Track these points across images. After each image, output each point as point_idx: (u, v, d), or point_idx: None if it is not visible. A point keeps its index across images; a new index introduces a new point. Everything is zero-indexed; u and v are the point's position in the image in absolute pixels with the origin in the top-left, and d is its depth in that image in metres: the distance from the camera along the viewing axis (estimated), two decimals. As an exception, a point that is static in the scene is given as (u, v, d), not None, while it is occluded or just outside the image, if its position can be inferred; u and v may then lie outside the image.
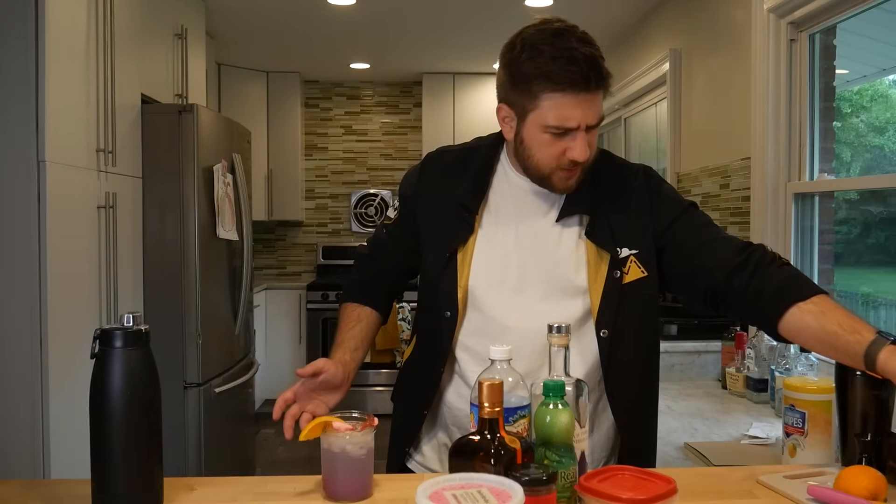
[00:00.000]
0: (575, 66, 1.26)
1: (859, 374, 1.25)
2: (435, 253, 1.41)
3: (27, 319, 2.20)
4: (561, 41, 1.29)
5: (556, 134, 1.29)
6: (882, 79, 2.53)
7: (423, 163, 1.51)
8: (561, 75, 1.26)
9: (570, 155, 1.30)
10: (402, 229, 1.50)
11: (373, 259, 1.57)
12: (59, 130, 2.29)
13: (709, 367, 2.56)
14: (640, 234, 1.38)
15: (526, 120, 1.32)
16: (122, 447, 1.04)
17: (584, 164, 1.32)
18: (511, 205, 1.41)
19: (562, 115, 1.28)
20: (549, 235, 1.38)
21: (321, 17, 4.18)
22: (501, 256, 1.38)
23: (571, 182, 1.35)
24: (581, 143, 1.29)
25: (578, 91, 1.27)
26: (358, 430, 1.11)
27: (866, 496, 1.07)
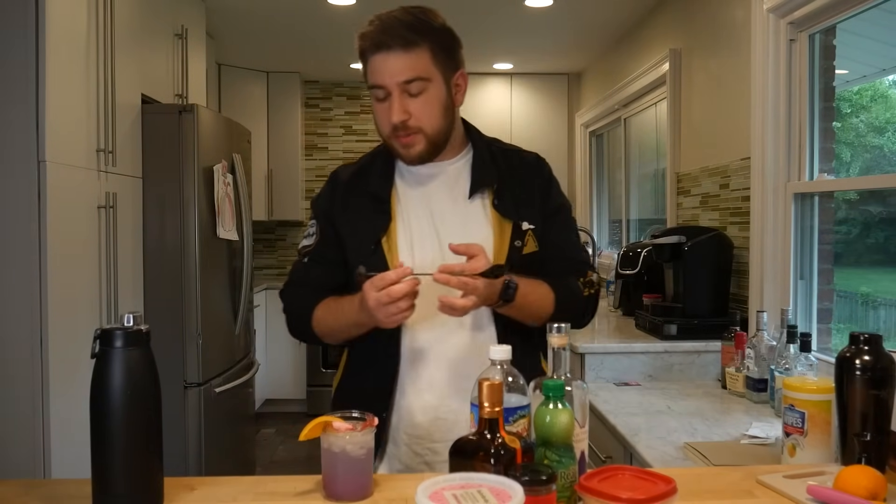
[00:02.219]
0: (373, 28, 1.38)
1: (859, 373, 1.25)
2: (360, 247, 1.46)
3: (27, 319, 2.20)
4: (384, 13, 1.41)
5: (379, 99, 1.40)
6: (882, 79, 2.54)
7: (332, 177, 1.57)
8: (371, 36, 1.38)
9: (390, 117, 1.39)
10: (326, 247, 1.51)
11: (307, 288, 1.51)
12: (59, 130, 2.29)
13: (708, 366, 2.56)
14: (536, 211, 1.49)
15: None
16: (122, 447, 1.05)
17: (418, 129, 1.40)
18: (419, 189, 1.49)
19: (372, 74, 1.39)
20: (458, 211, 1.47)
21: (321, 17, 4.18)
22: (420, 238, 1.45)
23: (412, 150, 1.43)
24: (394, 103, 1.38)
25: (382, 50, 1.37)
26: (358, 430, 1.12)
27: (866, 496, 1.07)
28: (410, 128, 1.40)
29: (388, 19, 1.38)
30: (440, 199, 1.48)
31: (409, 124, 1.39)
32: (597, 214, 5.44)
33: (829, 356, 2.22)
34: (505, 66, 5.47)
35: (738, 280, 2.77)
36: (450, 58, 1.43)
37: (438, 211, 1.47)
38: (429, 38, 1.39)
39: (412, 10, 1.40)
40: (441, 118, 1.42)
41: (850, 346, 1.28)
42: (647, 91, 4.06)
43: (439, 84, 1.41)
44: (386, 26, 1.37)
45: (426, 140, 1.42)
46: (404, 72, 1.37)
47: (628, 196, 4.61)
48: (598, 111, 5.00)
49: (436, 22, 1.43)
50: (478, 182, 1.47)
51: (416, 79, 1.37)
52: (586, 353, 2.59)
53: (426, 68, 1.39)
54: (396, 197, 1.49)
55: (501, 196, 1.47)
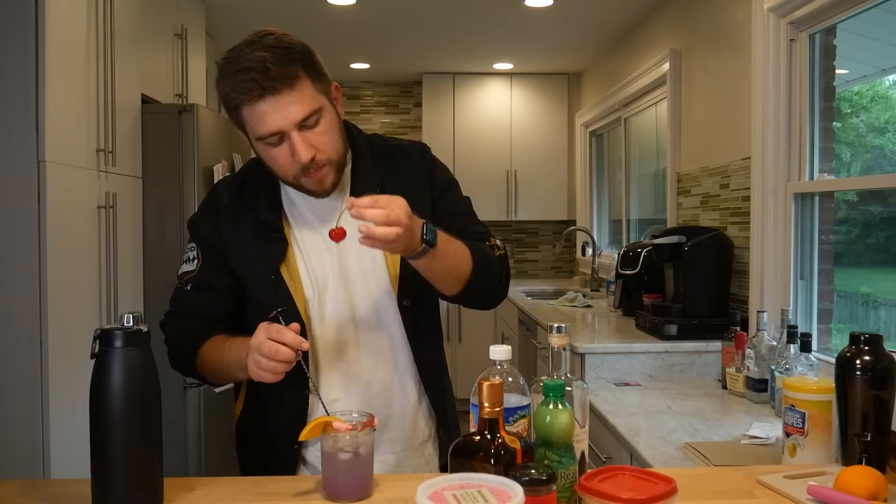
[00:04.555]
0: (247, 74, 1.23)
1: (859, 374, 1.25)
2: (258, 277, 1.38)
3: (27, 319, 2.20)
4: (240, 53, 1.26)
5: (273, 145, 1.29)
6: (882, 79, 2.53)
7: (212, 200, 1.46)
8: (241, 87, 1.24)
9: (296, 158, 1.28)
10: (211, 273, 1.40)
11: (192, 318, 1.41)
12: (59, 130, 2.29)
13: (709, 367, 2.56)
14: (423, 205, 1.38)
15: (250, 139, 1.33)
16: (122, 447, 1.04)
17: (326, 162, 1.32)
18: (307, 209, 1.42)
19: (261, 124, 1.27)
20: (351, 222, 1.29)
21: (321, 17, 4.19)
22: (319, 261, 1.40)
23: (326, 183, 1.34)
24: (299, 144, 1.27)
25: (262, 98, 1.24)
26: (358, 430, 1.12)
27: (866, 496, 1.07)
28: (319, 162, 1.30)
29: (258, 62, 1.23)
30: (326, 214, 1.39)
31: (318, 159, 1.29)
32: (597, 214, 5.44)
33: (830, 356, 2.22)
34: (505, 66, 5.47)
35: (738, 280, 2.77)
36: (321, 75, 1.32)
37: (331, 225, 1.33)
38: (301, 66, 1.27)
39: (268, 40, 1.26)
40: (341, 141, 1.36)
41: (851, 346, 1.28)
42: (647, 91, 4.05)
43: (328, 108, 1.32)
44: (261, 70, 1.23)
45: (335, 168, 1.34)
46: (299, 111, 1.26)
47: (628, 196, 4.61)
48: (598, 111, 5.00)
49: (295, 44, 1.29)
50: (360, 190, 1.36)
51: (311, 114, 1.27)
52: (586, 353, 2.59)
53: (313, 98, 1.28)
54: (286, 220, 1.41)
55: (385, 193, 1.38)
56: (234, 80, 1.25)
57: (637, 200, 4.55)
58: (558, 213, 5.81)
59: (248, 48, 1.26)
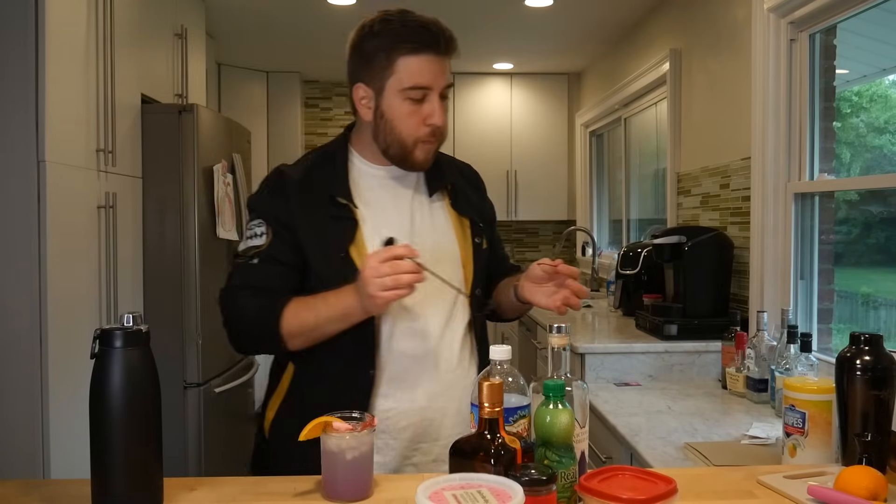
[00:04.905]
0: (426, 29, 1.38)
1: (860, 374, 1.25)
2: (327, 257, 1.40)
3: (27, 319, 2.20)
4: (407, 14, 1.40)
5: (415, 100, 1.38)
6: (882, 79, 2.53)
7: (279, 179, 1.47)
8: (414, 36, 1.37)
9: (429, 120, 1.39)
10: (282, 247, 1.40)
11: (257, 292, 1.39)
12: (59, 130, 2.29)
13: (709, 367, 2.56)
14: (481, 212, 1.58)
15: (384, 91, 1.40)
16: (122, 447, 1.04)
17: (441, 134, 1.43)
18: (379, 193, 1.47)
19: (418, 74, 1.37)
20: (425, 212, 1.48)
21: (321, 17, 4.18)
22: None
23: (430, 155, 1.44)
24: (438, 106, 1.40)
25: (431, 52, 1.37)
26: (358, 430, 1.11)
27: (866, 496, 1.07)
28: (442, 133, 1.42)
29: (436, 23, 1.39)
30: (406, 201, 1.47)
31: (442, 129, 1.42)
32: (597, 214, 5.44)
33: (830, 356, 2.22)
34: (505, 66, 5.47)
35: (738, 280, 2.77)
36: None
37: (407, 212, 1.46)
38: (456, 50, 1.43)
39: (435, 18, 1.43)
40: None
41: (851, 346, 1.28)
42: (647, 91, 4.05)
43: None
44: (441, 30, 1.39)
45: (440, 146, 1.46)
46: (446, 76, 1.40)
47: (628, 196, 4.61)
48: (598, 111, 5.00)
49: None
50: (436, 183, 1.50)
51: (449, 86, 1.42)
52: (586, 353, 2.59)
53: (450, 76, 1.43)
54: (358, 200, 1.44)
55: (456, 197, 1.52)
56: (413, 31, 1.37)
57: (637, 200, 4.55)
58: (558, 213, 5.80)
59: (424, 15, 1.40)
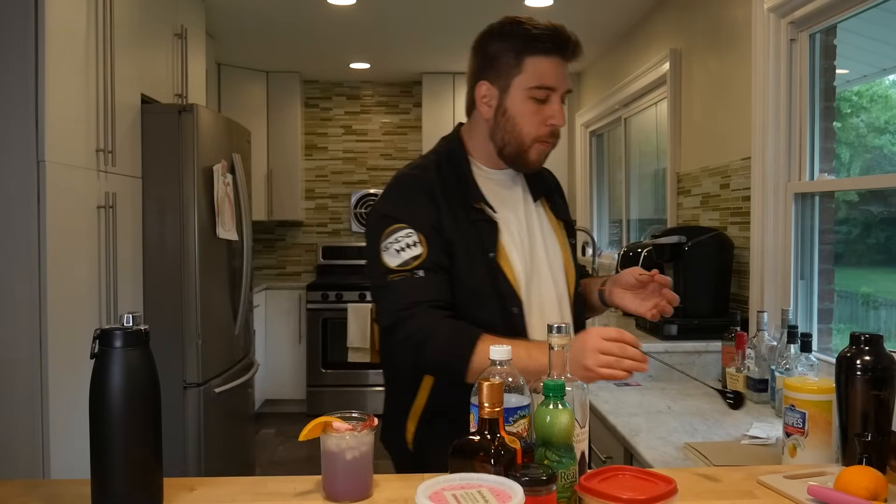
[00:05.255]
0: (556, 33, 1.43)
1: (860, 374, 1.25)
2: (473, 261, 1.41)
3: (27, 319, 2.20)
4: (535, 19, 1.45)
5: (539, 100, 1.42)
6: (882, 79, 2.53)
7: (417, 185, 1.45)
8: (545, 38, 1.42)
9: (551, 121, 1.44)
10: (439, 253, 1.39)
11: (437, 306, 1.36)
12: (59, 130, 2.29)
13: (709, 367, 2.56)
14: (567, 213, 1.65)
15: (510, 89, 1.44)
16: (122, 447, 1.04)
17: (557, 137, 1.47)
18: (499, 196, 1.50)
19: (545, 74, 1.42)
20: (532, 215, 1.53)
21: (321, 17, 4.18)
22: (518, 246, 1.48)
23: (543, 157, 1.49)
24: (560, 107, 1.44)
25: (558, 54, 1.43)
26: (358, 430, 1.11)
27: (866, 496, 1.07)
28: (557, 135, 1.47)
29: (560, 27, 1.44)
30: (520, 206, 1.52)
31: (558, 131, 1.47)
32: (597, 214, 5.43)
33: (830, 356, 2.21)
34: (505, 66, 5.47)
35: (738, 280, 2.77)
36: None
37: (523, 216, 1.51)
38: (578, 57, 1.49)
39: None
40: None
41: (851, 346, 1.28)
42: (647, 91, 4.05)
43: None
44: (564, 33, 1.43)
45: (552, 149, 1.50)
46: (568, 81, 1.46)
47: (628, 196, 4.61)
48: (598, 111, 5.00)
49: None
50: (538, 189, 1.56)
51: (570, 90, 1.48)
52: (586, 353, 2.58)
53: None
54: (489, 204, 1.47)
55: (552, 201, 1.59)
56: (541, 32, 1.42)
57: (637, 200, 4.55)
58: (558, 213, 5.79)
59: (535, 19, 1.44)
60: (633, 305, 1.48)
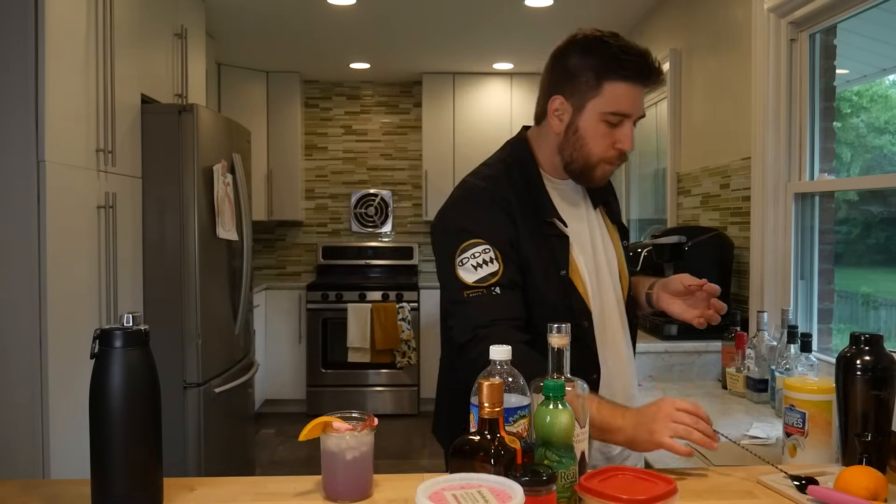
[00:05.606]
0: (641, 60, 1.40)
1: (860, 374, 1.25)
2: (549, 275, 1.42)
3: (27, 319, 2.20)
4: (621, 40, 1.42)
5: (611, 124, 1.41)
6: (882, 79, 2.53)
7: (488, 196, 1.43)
8: (629, 64, 1.39)
9: (619, 145, 1.43)
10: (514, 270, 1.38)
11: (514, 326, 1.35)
12: (59, 130, 2.29)
13: (709, 367, 2.56)
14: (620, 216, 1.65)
15: (584, 109, 1.42)
16: (122, 447, 1.04)
17: (626, 159, 1.48)
18: (568, 208, 1.51)
19: (623, 101, 1.40)
20: (595, 224, 1.55)
21: (321, 17, 4.18)
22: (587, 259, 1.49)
23: (608, 175, 1.50)
24: (630, 132, 1.43)
25: (640, 81, 1.41)
26: (358, 430, 1.11)
27: (867, 496, 1.07)
28: (626, 158, 1.47)
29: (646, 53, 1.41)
30: (584, 216, 1.53)
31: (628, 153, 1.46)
32: (597, 214, 5.42)
33: (830, 356, 2.21)
34: (505, 66, 5.47)
35: (738, 280, 2.77)
36: None
37: (586, 225, 1.52)
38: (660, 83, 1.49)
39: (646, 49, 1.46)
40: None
41: (851, 346, 1.28)
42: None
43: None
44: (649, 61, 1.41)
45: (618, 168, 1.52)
46: (643, 108, 1.46)
47: (628, 196, 4.61)
48: (598, 111, 4.99)
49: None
50: (597, 196, 1.57)
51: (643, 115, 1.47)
52: (586, 353, 2.58)
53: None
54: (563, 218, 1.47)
55: (610, 206, 1.60)
56: (626, 57, 1.39)
57: (637, 200, 4.55)
58: (558, 213, 5.80)
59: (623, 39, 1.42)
60: (679, 312, 1.52)
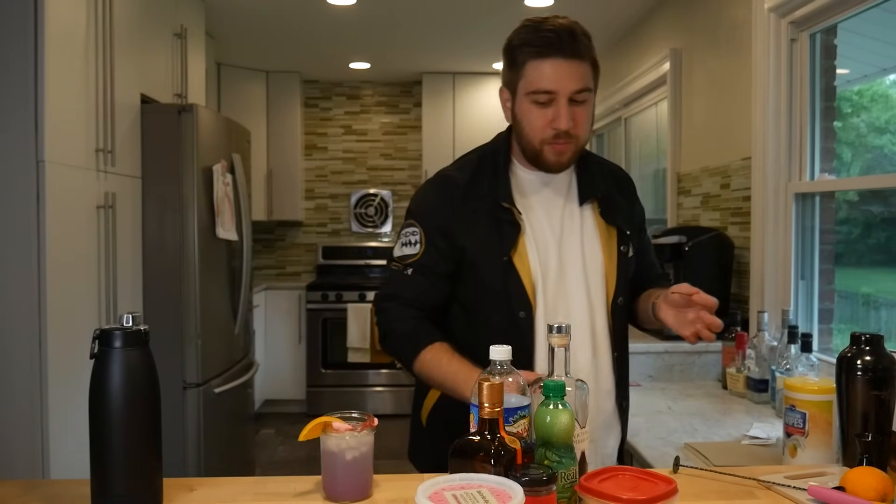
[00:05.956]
0: (552, 33, 1.38)
1: (860, 374, 1.25)
2: (491, 259, 1.43)
3: (27, 319, 2.20)
4: (544, 20, 1.42)
5: (541, 103, 1.40)
6: (882, 79, 2.53)
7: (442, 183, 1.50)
8: (539, 40, 1.39)
9: (554, 124, 1.40)
10: (435, 258, 1.44)
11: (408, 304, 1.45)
12: (59, 130, 2.29)
13: (709, 367, 2.56)
14: (629, 220, 1.56)
15: (517, 94, 1.43)
16: (121, 447, 1.04)
17: (574, 137, 1.42)
18: (534, 198, 1.49)
19: (542, 78, 1.39)
20: (574, 220, 1.50)
21: (321, 17, 4.18)
22: (544, 249, 1.46)
23: (564, 158, 1.44)
24: (563, 111, 1.39)
25: (554, 55, 1.38)
26: (358, 430, 1.11)
27: (874, 497, 1.07)
28: (570, 136, 1.41)
29: (568, 27, 1.39)
30: (557, 208, 1.50)
31: (570, 132, 1.41)
32: (597, 214, 5.42)
33: (831, 357, 2.21)
34: (505, 66, 5.47)
35: (738, 280, 2.77)
36: (597, 74, 1.47)
37: (557, 219, 1.49)
38: (592, 53, 1.43)
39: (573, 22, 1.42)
40: (588, 131, 1.47)
41: (852, 346, 1.28)
42: (647, 91, 4.05)
43: (591, 99, 1.45)
44: (569, 34, 1.38)
45: (575, 149, 1.45)
46: (577, 81, 1.39)
47: (628, 196, 4.60)
48: (598, 111, 4.99)
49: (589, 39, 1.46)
50: (588, 191, 1.51)
51: (584, 89, 1.41)
52: (586, 353, 2.58)
53: (589, 80, 1.42)
54: (520, 205, 1.46)
55: (606, 205, 1.52)
56: (539, 35, 1.39)
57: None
58: (558, 213, 5.80)
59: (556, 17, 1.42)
60: (674, 324, 1.42)
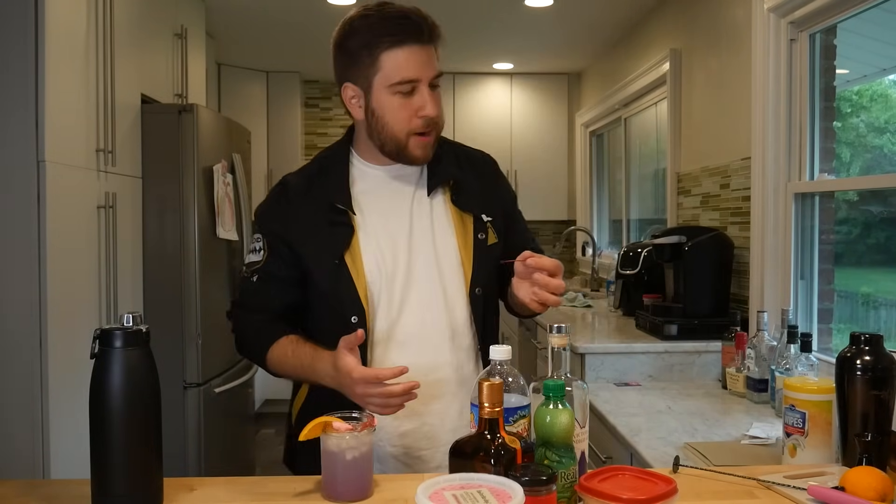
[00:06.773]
0: (406, 19, 1.33)
1: (860, 374, 1.25)
2: (322, 264, 1.39)
3: (27, 319, 2.20)
4: (385, 7, 1.36)
5: (404, 93, 1.35)
6: (882, 79, 2.53)
7: (280, 190, 1.47)
8: (394, 29, 1.33)
9: (421, 112, 1.36)
10: (276, 264, 1.42)
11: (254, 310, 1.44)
12: (59, 130, 2.29)
13: (709, 367, 2.56)
14: (492, 204, 1.49)
15: (372, 88, 1.37)
16: (122, 447, 1.04)
17: (436, 126, 1.38)
18: (379, 195, 1.45)
19: (404, 68, 1.33)
20: (423, 210, 1.44)
21: (321, 17, 4.18)
22: (388, 247, 1.41)
23: (428, 149, 1.40)
24: (430, 97, 1.36)
25: (414, 42, 1.33)
26: (358, 430, 1.11)
27: (874, 497, 1.07)
28: (437, 124, 1.38)
29: (418, 13, 1.34)
30: (406, 202, 1.45)
31: (437, 119, 1.38)
32: (597, 214, 5.44)
33: (830, 356, 2.21)
34: (505, 66, 5.47)
35: (738, 280, 2.77)
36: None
37: (406, 214, 1.44)
38: (440, 34, 1.38)
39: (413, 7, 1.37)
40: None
41: (851, 346, 1.28)
42: (647, 91, 4.05)
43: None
44: (415, 18, 1.33)
45: (437, 136, 1.41)
46: (434, 65, 1.36)
47: (628, 196, 4.61)
48: (598, 111, 5.00)
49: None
50: (436, 180, 1.46)
51: (440, 75, 1.38)
52: (586, 353, 2.58)
53: (438, 64, 1.38)
54: (357, 205, 1.42)
55: (458, 191, 1.46)
56: (392, 23, 1.33)
57: (637, 200, 4.55)
58: (558, 213, 5.80)
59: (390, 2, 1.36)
60: (524, 296, 1.31)
